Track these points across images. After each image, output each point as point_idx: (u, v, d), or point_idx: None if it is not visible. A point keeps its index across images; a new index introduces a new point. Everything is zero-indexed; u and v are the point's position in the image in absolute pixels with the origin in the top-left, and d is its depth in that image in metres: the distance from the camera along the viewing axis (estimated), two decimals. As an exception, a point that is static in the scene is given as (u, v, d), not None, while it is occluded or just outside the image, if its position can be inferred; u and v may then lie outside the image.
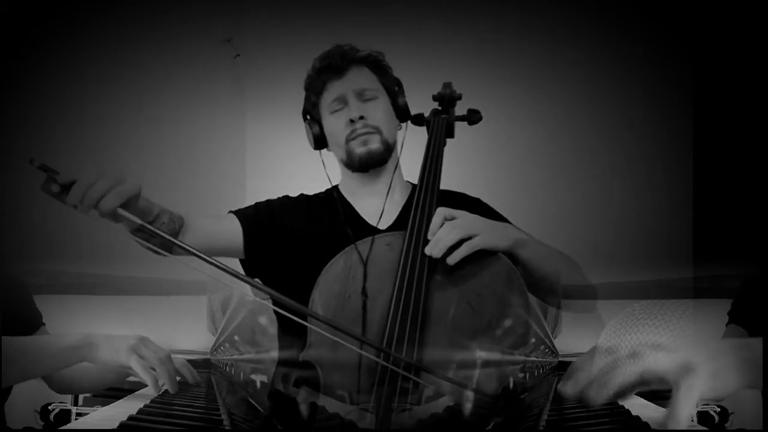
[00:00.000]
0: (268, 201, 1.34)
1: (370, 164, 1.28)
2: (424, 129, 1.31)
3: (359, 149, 1.27)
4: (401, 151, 1.35)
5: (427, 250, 0.99)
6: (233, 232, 1.25)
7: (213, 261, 0.83)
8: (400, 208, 1.32)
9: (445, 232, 1.00)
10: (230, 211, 1.29)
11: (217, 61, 2.66)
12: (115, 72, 2.40)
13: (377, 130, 1.27)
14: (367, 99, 1.28)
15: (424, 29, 2.53)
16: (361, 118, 1.25)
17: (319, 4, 2.56)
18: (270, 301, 0.89)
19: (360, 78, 1.30)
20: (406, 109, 1.33)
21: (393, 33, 2.46)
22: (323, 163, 1.35)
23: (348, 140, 1.27)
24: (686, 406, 0.64)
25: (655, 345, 0.70)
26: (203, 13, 2.58)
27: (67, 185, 0.87)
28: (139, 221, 0.88)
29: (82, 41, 2.33)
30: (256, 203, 1.33)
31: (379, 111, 1.29)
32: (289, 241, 1.27)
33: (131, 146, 2.44)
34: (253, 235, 1.25)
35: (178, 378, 1.12)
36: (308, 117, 1.36)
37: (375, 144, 1.27)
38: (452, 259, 0.99)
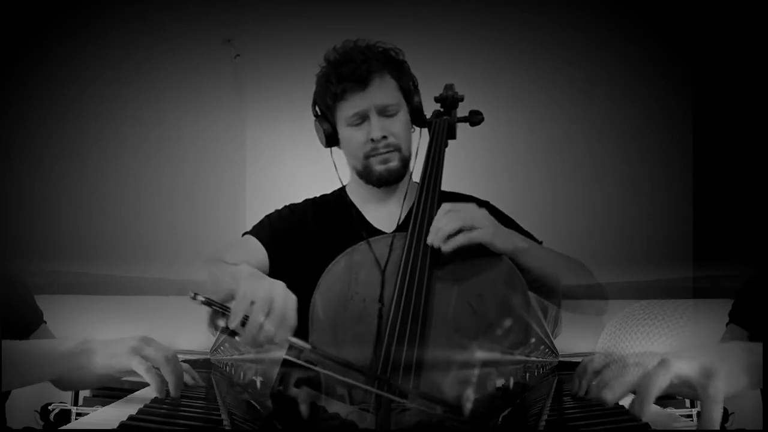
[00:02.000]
0: (278, 212, 1.32)
1: (389, 182, 1.25)
2: (425, 136, 1.30)
3: (379, 167, 1.23)
4: (415, 160, 1.29)
5: (429, 239, 1.00)
6: (260, 257, 1.23)
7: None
8: (406, 211, 1.31)
9: (446, 220, 1.00)
10: (246, 233, 1.27)
11: (217, 61, 2.66)
12: (115, 72, 2.40)
13: (397, 148, 1.24)
14: (389, 115, 1.23)
15: (425, 29, 2.53)
16: (384, 137, 1.21)
17: (319, 5, 2.56)
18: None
19: (383, 91, 1.23)
20: (421, 109, 1.28)
21: (393, 33, 2.45)
22: (334, 164, 1.30)
23: (368, 156, 1.23)
24: (718, 407, 0.71)
25: (677, 354, 0.75)
26: (203, 13, 2.58)
27: (236, 327, 0.87)
28: (309, 346, 0.87)
29: (82, 41, 2.33)
30: (268, 217, 1.30)
31: (400, 126, 1.24)
32: (302, 247, 1.26)
33: (131, 146, 2.44)
34: (276, 252, 1.24)
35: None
36: (318, 114, 1.30)
37: (395, 162, 1.23)
38: (448, 246, 0.99)
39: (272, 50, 2.64)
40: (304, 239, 1.26)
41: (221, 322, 0.87)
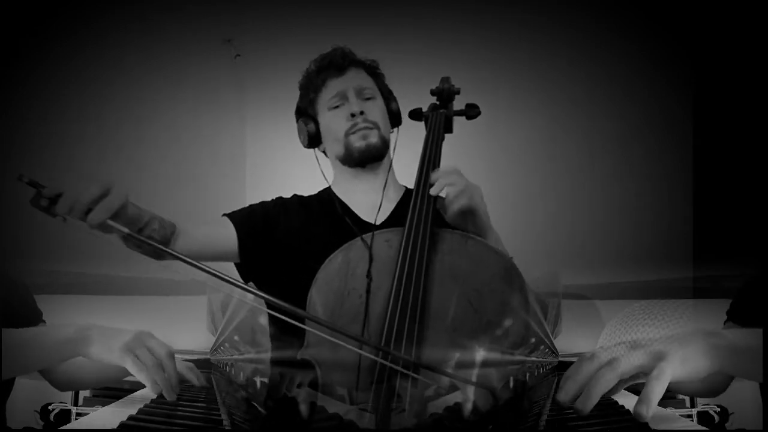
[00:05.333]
0: (262, 203, 1.35)
1: (369, 158, 1.31)
2: (418, 134, 1.31)
3: (358, 143, 1.29)
4: (393, 154, 1.38)
5: (432, 190, 1.06)
6: (228, 236, 1.25)
7: (202, 266, 0.83)
8: (394, 206, 1.33)
9: (455, 177, 1.06)
10: (224, 214, 1.29)
11: (217, 61, 2.66)
12: (115, 72, 2.40)
13: (376, 126, 1.31)
14: (367, 98, 1.32)
15: (425, 29, 2.53)
16: (362, 113, 1.29)
17: (319, 5, 2.56)
18: (264, 305, 0.90)
19: (359, 77, 1.35)
20: (398, 114, 1.37)
21: (393, 32, 2.46)
22: (318, 161, 1.39)
23: (347, 134, 1.30)
24: (655, 388, 0.72)
25: (632, 344, 0.77)
26: (203, 13, 2.58)
27: (54, 198, 0.87)
28: (126, 231, 0.89)
29: (82, 41, 2.33)
30: (251, 205, 1.34)
31: (377, 110, 1.33)
32: (284, 242, 1.28)
33: (131, 146, 2.44)
34: (248, 238, 1.26)
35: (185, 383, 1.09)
36: (302, 115, 1.38)
37: (374, 138, 1.30)
38: (434, 191, 1.05)
39: (272, 50, 2.64)
40: (282, 232, 1.29)
41: (43, 201, 0.87)
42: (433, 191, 1.06)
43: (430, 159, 1.16)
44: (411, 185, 1.21)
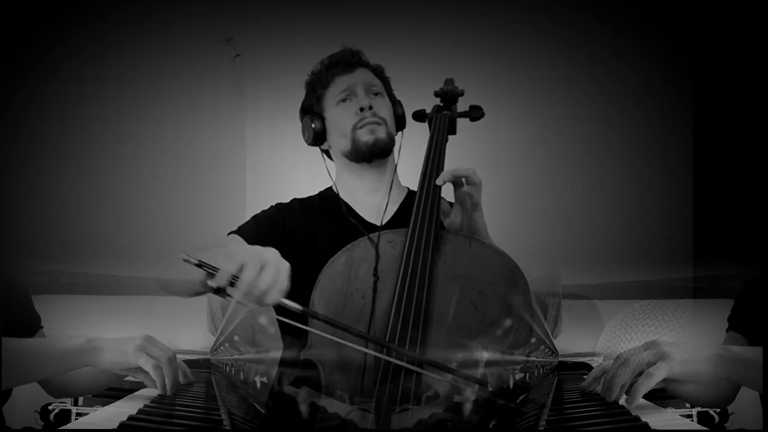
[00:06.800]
0: (264, 212, 1.35)
1: (376, 153, 1.31)
2: (421, 136, 1.31)
3: (366, 137, 1.30)
4: (398, 158, 1.38)
5: (439, 180, 1.08)
6: None
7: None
8: (397, 207, 1.33)
9: (463, 169, 1.08)
10: (231, 232, 1.29)
11: (217, 61, 2.66)
12: (114, 71, 2.40)
13: (384, 122, 1.32)
14: (375, 94, 1.34)
15: (426, 26, 2.54)
16: (370, 107, 1.30)
17: (319, 5, 2.56)
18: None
19: (368, 74, 1.37)
20: (403, 118, 1.38)
21: (395, 32, 2.46)
22: (324, 158, 1.39)
23: (355, 128, 1.30)
24: (646, 382, 0.87)
25: (647, 345, 0.90)
26: (203, 13, 2.58)
27: (227, 285, 0.87)
28: (300, 308, 0.88)
29: (82, 41, 2.33)
30: (254, 217, 1.34)
31: (384, 107, 1.34)
32: (290, 246, 1.27)
33: (131, 145, 2.44)
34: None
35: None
36: (307, 113, 1.38)
37: (382, 134, 1.31)
38: (440, 180, 1.08)
39: (272, 50, 2.64)
40: (291, 237, 1.28)
41: (212, 283, 0.87)
42: (439, 181, 1.06)
43: (433, 161, 1.16)
44: (413, 187, 1.21)
